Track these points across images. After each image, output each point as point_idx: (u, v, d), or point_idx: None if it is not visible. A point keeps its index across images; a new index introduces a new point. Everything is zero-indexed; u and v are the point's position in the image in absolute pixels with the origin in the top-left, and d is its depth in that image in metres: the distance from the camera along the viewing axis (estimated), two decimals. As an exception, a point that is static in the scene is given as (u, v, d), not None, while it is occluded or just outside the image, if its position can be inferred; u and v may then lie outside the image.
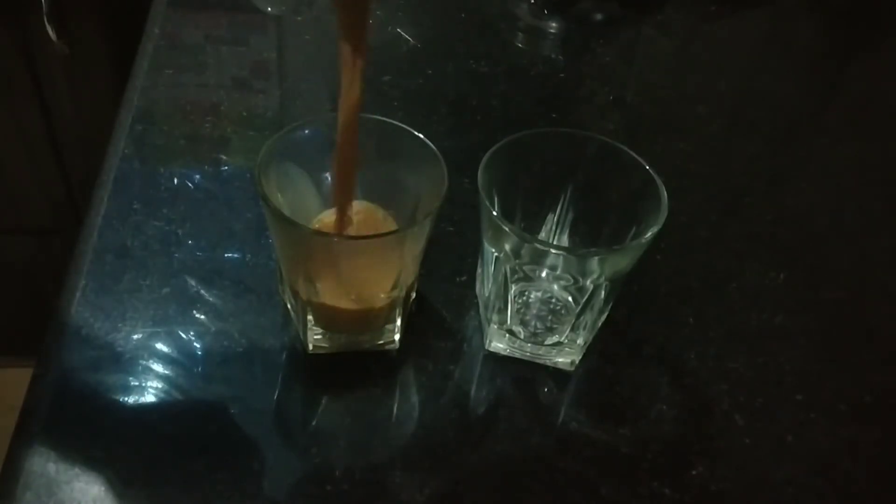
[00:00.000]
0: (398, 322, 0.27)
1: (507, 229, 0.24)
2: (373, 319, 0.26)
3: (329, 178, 0.27)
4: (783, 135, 0.41)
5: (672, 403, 0.27)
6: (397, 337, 0.28)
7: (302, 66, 0.41)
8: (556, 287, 0.28)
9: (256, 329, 0.28)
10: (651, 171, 0.26)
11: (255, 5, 0.44)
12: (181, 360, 0.27)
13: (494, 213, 0.24)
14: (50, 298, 0.28)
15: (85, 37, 0.55)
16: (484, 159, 0.25)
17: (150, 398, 0.25)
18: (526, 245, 0.25)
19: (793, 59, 0.46)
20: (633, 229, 0.26)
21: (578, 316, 0.27)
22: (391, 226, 0.26)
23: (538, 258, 0.26)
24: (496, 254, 0.26)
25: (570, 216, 0.28)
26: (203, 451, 0.24)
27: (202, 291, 0.29)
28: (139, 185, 0.33)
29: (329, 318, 0.26)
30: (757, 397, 0.28)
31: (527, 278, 0.27)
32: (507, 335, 0.28)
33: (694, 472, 0.25)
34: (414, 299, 0.28)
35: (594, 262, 0.25)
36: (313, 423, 0.25)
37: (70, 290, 0.28)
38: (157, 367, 0.26)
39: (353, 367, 0.27)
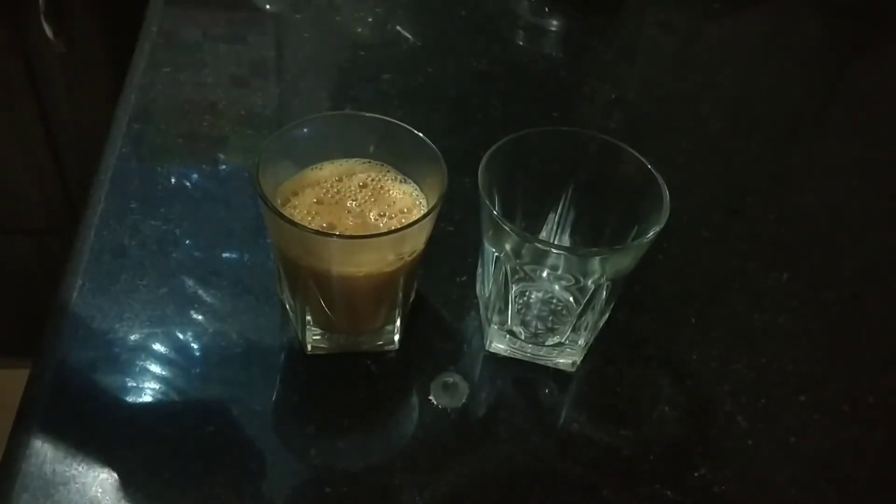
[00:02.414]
0: (397, 323, 0.27)
1: (507, 229, 0.24)
2: (372, 307, 0.26)
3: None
4: (786, 134, 0.41)
5: (674, 405, 0.27)
6: (396, 338, 0.27)
7: (301, 64, 0.40)
8: (557, 287, 0.28)
9: (255, 330, 0.28)
10: (653, 170, 0.25)
11: (254, 2, 0.43)
12: (179, 361, 0.26)
13: (495, 213, 0.24)
14: (47, 299, 0.28)
15: (82, 35, 0.55)
16: (484, 158, 0.25)
17: (147, 399, 0.25)
18: (527, 245, 0.24)
19: (795, 57, 0.46)
20: (635, 229, 0.25)
21: (580, 316, 0.26)
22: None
23: (539, 258, 0.25)
24: (497, 254, 0.26)
25: (571, 216, 0.28)
26: (201, 452, 0.24)
27: (200, 292, 0.29)
28: (136, 184, 0.33)
29: (329, 305, 0.26)
30: (759, 398, 0.27)
31: (528, 278, 0.27)
32: (508, 336, 0.27)
33: (696, 474, 0.25)
34: (414, 299, 0.28)
35: (595, 262, 0.25)
36: (312, 424, 0.25)
37: (67, 290, 0.28)
38: (155, 368, 0.26)
39: (353, 368, 0.27)
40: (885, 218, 0.36)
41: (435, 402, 0.26)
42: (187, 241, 0.30)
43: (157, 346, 0.27)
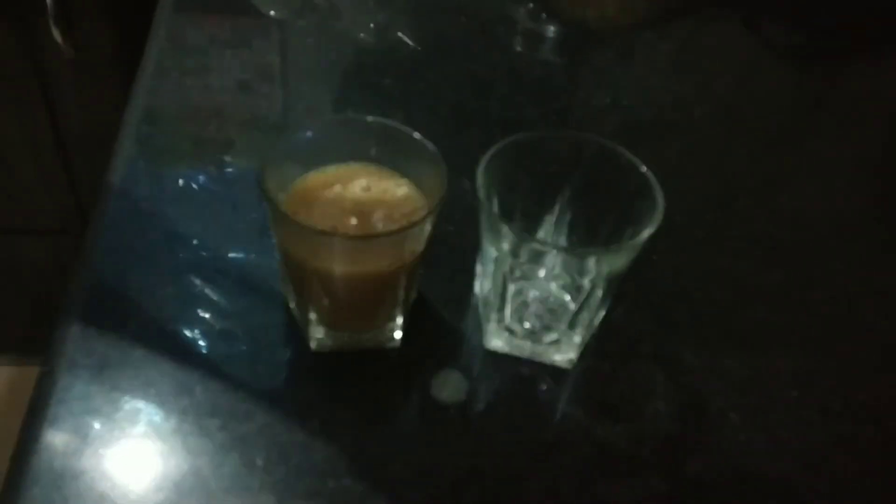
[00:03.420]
0: (399, 321, 0.28)
1: (505, 229, 0.24)
2: (374, 305, 0.27)
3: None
4: (779, 136, 0.41)
5: (668, 401, 0.27)
6: (398, 335, 0.28)
7: (304, 69, 0.41)
8: (553, 286, 0.28)
9: (260, 327, 0.28)
10: (647, 171, 0.26)
11: (259, 9, 0.44)
12: (186, 358, 0.27)
13: (493, 214, 0.25)
14: (57, 298, 0.29)
15: (91, 40, 0.55)
16: (483, 161, 0.26)
17: (154, 396, 0.26)
18: (524, 245, 0.25)
19: (788, 61, 0.47)
20: (630, 229, 0.26)
21: (576, 315, 0.27)
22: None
23: (536, 258, 0.26)
24: (495, 254, 0.26)
25: (567, 216, 0.29)
26: (206, 447, 0.25)
27: (207, 291, 0.29)
28: (145, 186, 0.33)
29: (332, 303, 0.26)
30: (752, 395, 0.28)
31: (525, 278, 0.27)
32: (506, 333, 0.28)
33: (689, 469, 0.26)
34: (415, 298, 0.29)
35: (591, 262, 0.25)
36: (316, 419, 0.26)
37: (76, 289, 0.29)
38: (162, 365, 0.27)
39: (355, 365, 0.28)
40: (876, 218, 0.37)
41: (435, 398, 0.27)
42: (194, 242, 0.31)
43: (165, 344, 0.27)
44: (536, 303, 0.29)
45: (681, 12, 0.48)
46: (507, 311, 0.27)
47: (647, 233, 0.24)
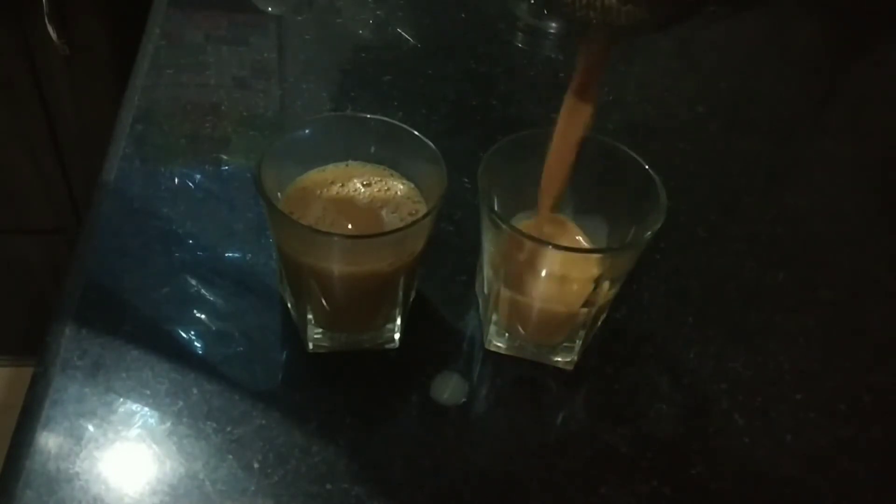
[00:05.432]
0: (398, 321, 0.27)
1: (506, 228, 0.24)
2: (372, 305, 0.26)
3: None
4: (782, 134, 0.41)
5: (671, 403, 0.27)
6: (397, 336, 0.28)
7: (302, 66, 0.41)
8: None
9: (257, 328, 0.28)
10: (650, 170, 0.26)
11: (256, 5, 0.44)
12: (181, 360, 0.27)
13: (494, 213, 0.24)
14: (51, 298, 0.28)
15: (86, 37, 0.55)
16: (484, 159, 0.25)
17: (149, 398, 0.26)
18: (526, 244, 0.25)
19: (791, 59, 0.46)
20: (633, 229, 0.26)
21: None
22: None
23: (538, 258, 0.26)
24: (496, 253, 0.26)
25: (569, 216, 0.28)
26: (203, 450, 0.24)
27: (202, 291, 0.29)
28: (140, 184, 0.33)
29: (330, 304, 0.26)
30: (756, 397, 0.28)
31: (526, 278, 0.27)
32: (507, 334, 0.28)
33: (693, 472, 0.25)
34: (414, 298, 0.28)
35: (594, 262, 0.25)
36: (313, 422, 0.26)
37: (71, 289, 0.28)
38: (157, 367, 0.26)
39: (353, 366, 0.27)
40: (879, 218, 0.37)
41: (435, 400, 0.27)
42: (190, 241, 0.31)
43: (160, 345, 0.27)
44: (538, 303, 0.28)
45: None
46: (509, 311, 0.27)
47: (650, 232, 0.24)
